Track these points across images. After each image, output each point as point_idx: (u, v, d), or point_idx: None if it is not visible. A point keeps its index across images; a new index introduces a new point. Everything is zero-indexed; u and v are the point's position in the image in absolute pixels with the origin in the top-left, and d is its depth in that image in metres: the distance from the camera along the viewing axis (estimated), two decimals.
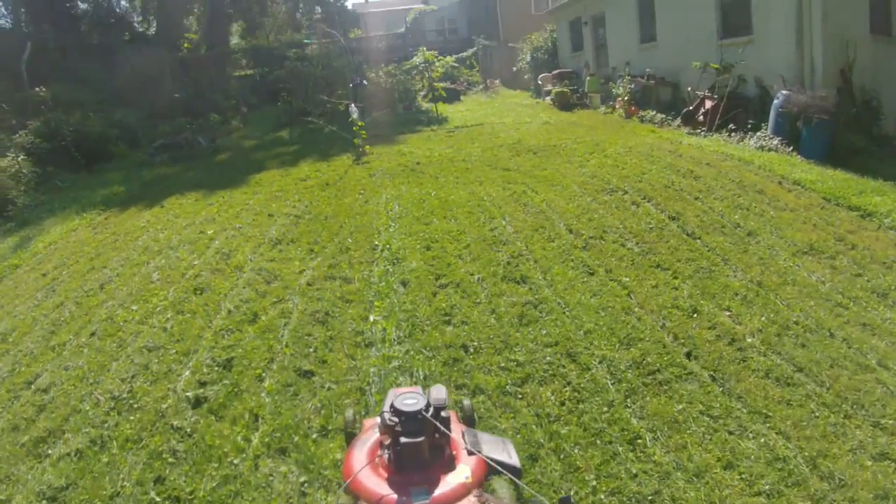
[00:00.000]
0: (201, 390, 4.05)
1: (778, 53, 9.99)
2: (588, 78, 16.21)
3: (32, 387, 4.43)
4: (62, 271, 6.99)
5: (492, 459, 1.83)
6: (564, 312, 4.77)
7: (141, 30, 28.06)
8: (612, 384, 3.89)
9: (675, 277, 5.29)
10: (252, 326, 4.78)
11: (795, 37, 9.60)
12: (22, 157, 12.00)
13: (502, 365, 4.10)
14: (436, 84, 15.59)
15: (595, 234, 6.20)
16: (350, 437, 2.43)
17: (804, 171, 7.84)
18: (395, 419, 1.83)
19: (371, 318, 4.68)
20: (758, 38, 10.52)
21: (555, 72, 18.19)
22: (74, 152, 13.28)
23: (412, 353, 4.26)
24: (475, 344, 4.32)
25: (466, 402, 2.73)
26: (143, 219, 8.57)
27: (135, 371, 4.49)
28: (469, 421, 2.53)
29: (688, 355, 4.20)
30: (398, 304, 4.85)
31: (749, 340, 4.29)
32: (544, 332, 4.48)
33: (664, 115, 12.28)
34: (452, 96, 17.61)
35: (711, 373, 3.95)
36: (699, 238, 6.01)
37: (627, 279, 5.26)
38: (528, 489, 1.94)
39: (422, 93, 17.12)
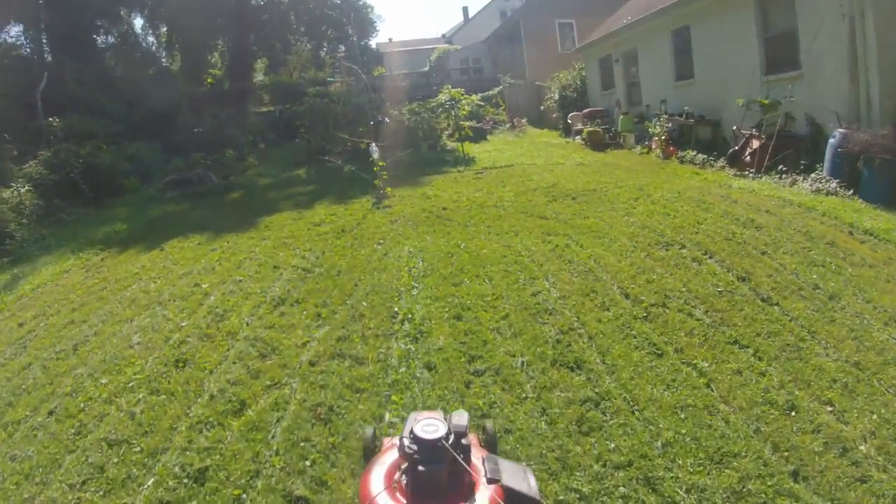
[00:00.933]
0: None
1: (830, 89, 9.26)
2: (621, 117, 15.46)
3: None
4: (40, 322, 6.17)
5: (511, 489, 1.72)
6: (634, 413, 3.70)
7: (166, 64, 28.13)
8: None
9: (759, 358, 4.26)
10: (237, 420, 3.77)
11: (849, 71, 8.89)
12: (26, 188, 11.42)
13: (560, 498, 3.03)
14: (462, 123, 14.81)
15: (656, 301, 5.16)
16: (369, 455, 2.31)
17: (872, 217, 7.03)
18: (415, 447, 1.73)
19: (387, 417, 3.64)
20: (807, 73, 9.78)
21: (585, 110, 17.44)
22: (82, 185, 12.72)
23: None
24: (523, 462, 3.26)
25: (489, 425, 2.57)
26: (138, 263, 7.73)
27: (87, 474, 3.51)
28: (491, 445, 2.45)
29: (794, 475, 3.19)
30: (421, 397, 3.81)
31: (862, 449, 3.34)
32: (612, 445, 3.41)
33: (705, 156, 11.49)
34: (479, 135, 16.84)
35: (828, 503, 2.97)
36: (776, 304, 5.03)
37: (704, 363, 4.22)
38: None
39: (447, 132, 16.36)
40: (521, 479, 1.86)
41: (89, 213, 12.29)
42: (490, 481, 1.82)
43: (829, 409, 3.71)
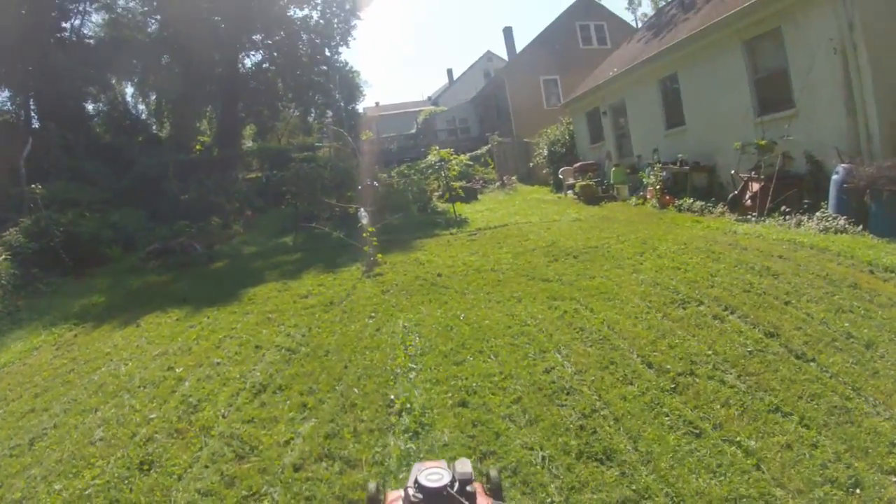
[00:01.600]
0: None
1: (827, 124, 9.15)
2: (613, 168, 15.35)
3: None
4: None
5: None
6: None
7: (155, 131, 28.14)
8: None
9: (807, 427, 3.75)
10: None
11: (845, 104, 8.83)
12: (3, 257, 10.90)
13: None
14: (452, 183, 14.55)
15: (683, 369, 4.63)
16: None
17: (889, 252, 6.73)
18: (420, 496, 1.70)
19: None
20: (802, 111, 9.70)
21: (576, 164, 17.33)
22: (62, 254, 12.19)
23: None
24: None
25: (493, 472, 2.49)
26: (111, 341, 7.12)
27: None
28: (496, 493, 2.37)
29: None
30: None
31: None
32: None
33: (703, 202, 11.29)
34: (469, 195, 16.62)
35: None
36: (812, 360, 4.56)
37: (748, 439, 3.68)
38: None
39: (437, 193, 16.11)
40: None
41: (68, 283, 11.73)
42: None
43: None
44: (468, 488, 1.88)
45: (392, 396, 4.47)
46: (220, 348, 6.15)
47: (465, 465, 1.99)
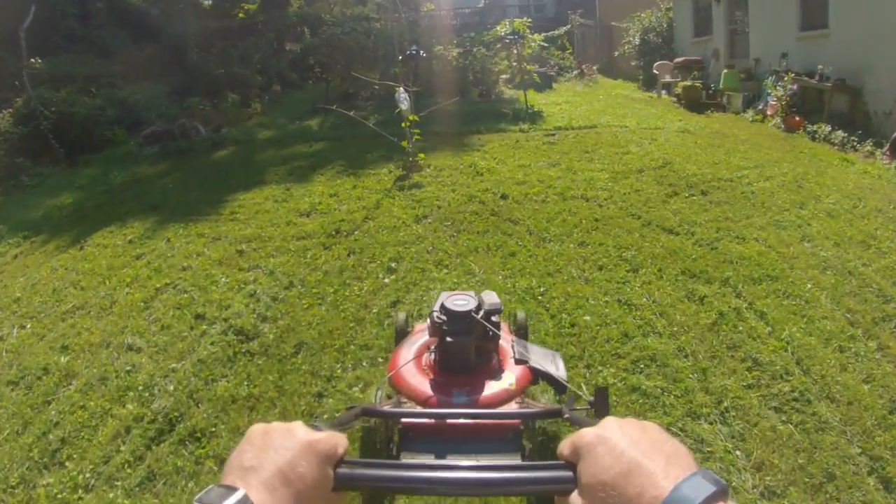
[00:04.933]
0: None
1: None
2: (724, 71, 11.83)
3: None
4: None
5: (539, 370, 1.59)
6: None
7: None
8: None
9: None
10: None
11: None
12: None
13: None
14: (526, 65, 11.36)
15: None
16: (400, 338, 2.24)
17: None
18: (444, 317, 1.61)
19: None
20: None
21: (677, 60, 13.68)
22: (52, 140, 10.25)
23: None
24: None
25: (521, 314, 2.52)
26: (38, 274, 5.08)
27: None
28: (521, 334, 2.40)
29: None
30: None
31: None
32: None
33: (845, 134, 8.18)
34: (544, 83, 13.33)
35: None
36: None
37: None
38: (571, 387, 1.47)
39: (505, 76, 12.86)
40: (550, 361, 1.65)
41: (57, 173, 9.85)
42: (518, 362, 1.65)
43: None
44: (494, 318, 1.66)
45: None
46: (149, 309, 3.92)
47: (492, 297, 1.73)
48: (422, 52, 8.50)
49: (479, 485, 0.65)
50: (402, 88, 6.94)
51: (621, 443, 0.54)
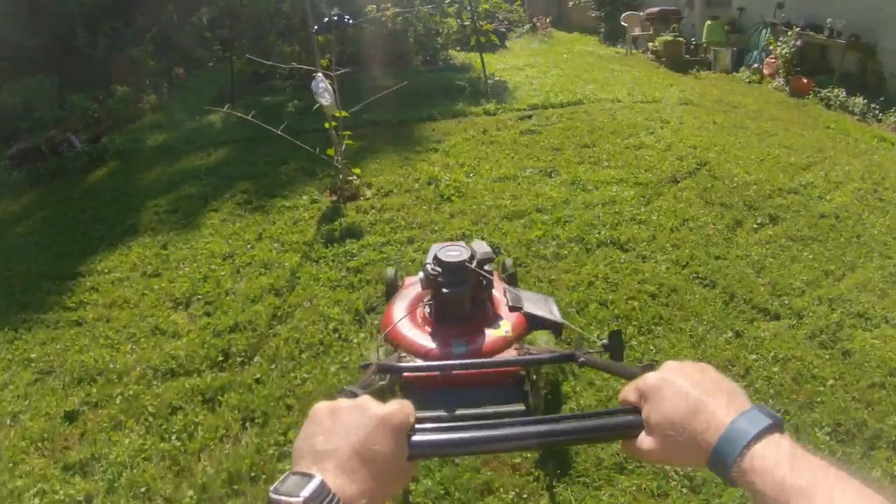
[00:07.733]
0: None
1: None
2: (708, 23, 10.20)
3: None
4: None
5: (534, 315, 1.59)
6: None
7: None
8: None
9: None
10: None
11: None
12: None
13: None
14: (482, 23, 9.30)
15: None
16: (391, 294, 2.29)
17: None
18: (438, 269, 1.64)
19: None
20: None
21: (650, 10, 11.78)
22: None
23: None
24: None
25: (508, 261, 2.56)
26: None
27: None
28: (511, 281, 2.41)
29: None
30: None
31: None
32: None
33: (864, 101, 6.97)
34: (497, 42, 11.34)
35: None
36: None
37: None
38: (577, 329, 1.48)
39: (453, 38, 10.71)
40: (543, 306, 1.66)
41: None
42: (512, 309, 1.66)
43: None
44: (486, 267, 1.71)
45: None
46: None
47: (483, 246, 1.80)
48: (347, 17, 6.41)
49: (555, 435, 0.64)
50: (319, 75, 4.90)
51: (685, 384, 0.57)
